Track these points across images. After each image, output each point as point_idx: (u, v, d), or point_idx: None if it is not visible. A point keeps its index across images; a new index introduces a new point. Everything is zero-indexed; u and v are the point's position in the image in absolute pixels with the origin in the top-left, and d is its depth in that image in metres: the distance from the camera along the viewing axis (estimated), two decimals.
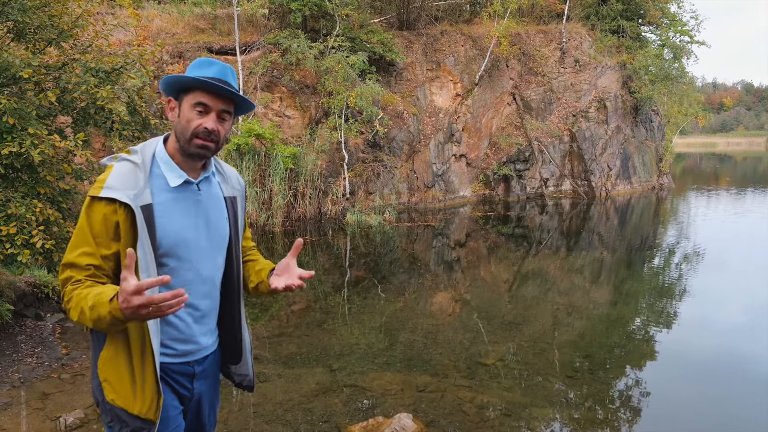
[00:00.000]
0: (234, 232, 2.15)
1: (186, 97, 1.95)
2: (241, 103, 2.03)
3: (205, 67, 1.95)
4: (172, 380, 2.03)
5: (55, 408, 4.59)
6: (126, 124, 7.13)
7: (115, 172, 1.88)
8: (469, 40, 19.32)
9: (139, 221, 1.83)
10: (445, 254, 11.69)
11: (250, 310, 7.50)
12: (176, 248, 1.93)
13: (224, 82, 1.94)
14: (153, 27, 15.03)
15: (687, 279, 9.46)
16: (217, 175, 2.15)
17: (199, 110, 1.93)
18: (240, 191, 2.23)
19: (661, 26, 23.65)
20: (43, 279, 6.55)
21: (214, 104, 1.94)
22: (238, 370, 2.29)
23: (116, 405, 1.90)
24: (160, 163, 1.97)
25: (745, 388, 5.37)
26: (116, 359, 1.90)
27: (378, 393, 5.05)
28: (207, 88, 1.92)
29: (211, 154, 2.00)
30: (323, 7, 15.18)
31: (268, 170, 13.78)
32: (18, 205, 5.75)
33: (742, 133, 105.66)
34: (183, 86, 1.95)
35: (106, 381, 1.92)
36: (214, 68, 1.95)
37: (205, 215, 2.03)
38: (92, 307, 1.70)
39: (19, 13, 6.42)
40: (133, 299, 1.60)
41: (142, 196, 1.86)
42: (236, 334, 2.22)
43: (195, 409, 2.15)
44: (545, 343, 6.41)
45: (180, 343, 2.03)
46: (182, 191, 1.98)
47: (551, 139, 19.84)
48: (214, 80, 1.91)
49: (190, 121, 1.93)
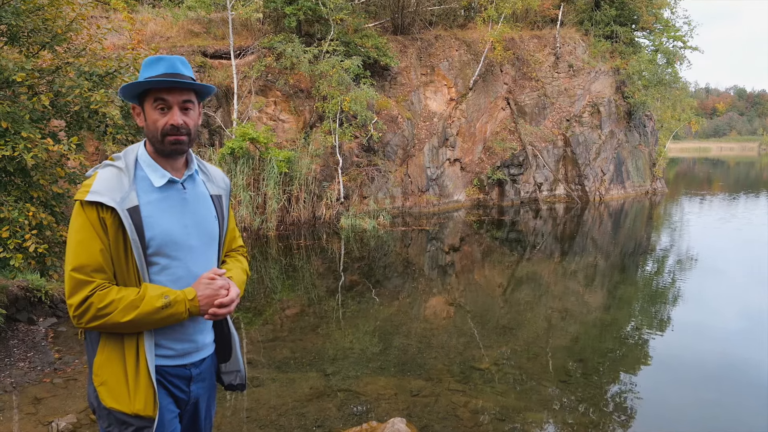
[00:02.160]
0: (221, 229, 2.19)
1: (146, 99, 1.99)
2: (200, 89, 2.06)
3: (153, 65, 1.98)
4: (168, 383, 2.03)
5: (47, 413, 4.57)
6: (120, 128, 7.11)
7: (100, 178, 1.92)
8: (463, 44, 19.38)
9: (126, 224, 1.86)
10: (439, 259, 11.70)
11: (244, 315, 7.49)
12: (165, 247, 1.96)
13: (175, 75, 1.97)
14: (147, 31, 15.00)
15: (680, 284, 9.50)
16: (201, 174, 2.18)
17: (160, 108, 1.96)
18: (225, 190, 2.25)
19: (654, 32, 23.79)
20: (36, 283, 6.52)
21: (173, 98, 1.97)
22: (229, 367, 2.29)
23: (113, 409, 1.91)
24: (143, 165, 2.00)
25: (738, 392, 5.40)
26: (111, 362, 1.92)
27: (372, 397, 5.04)
28: (161, 86, 1.95)
29: (186, 147, 2.03)
30: (318, 12, 15.19)
31: (262, 174, 13.77)
32: (11, 209, 5.72)
33: (734, 138, 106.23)
34: (139, 90, 1.99)
35: (101, 385, 1.93)
36: (163, 64, 1.98)
37: (192, 213, 2.06)
38: (165, 306, 1.87)
39: (13, 16, 6.40)
40: (221, 291, 1.97)
41: (128, 199, 1.90)
42: (224, 329, 2.24)
43: (191, 413, 2.16)
44: (539, 348, 6.43)
45: (178, 342, 2.04)
46: (167, 191, 2.01)
47: (545, 144, 19.90)
48: (164, 77, 1.94)
49: (156, 122, 1.97)
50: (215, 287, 1.96)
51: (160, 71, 1.96)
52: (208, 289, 1.95)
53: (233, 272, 2.17)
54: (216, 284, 1.97)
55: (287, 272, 10.14)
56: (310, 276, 9.91)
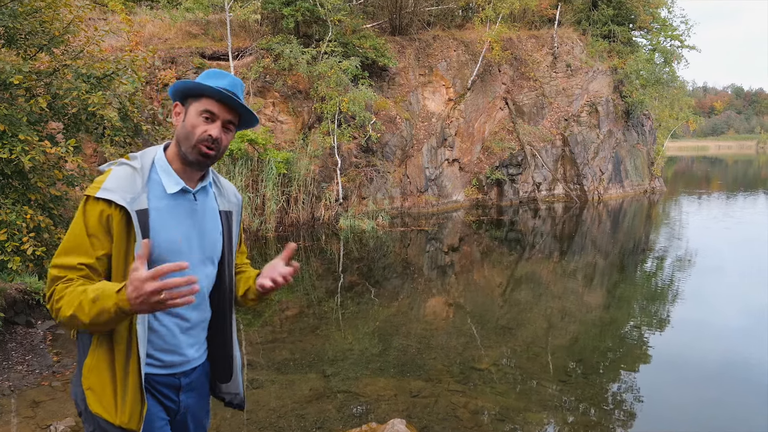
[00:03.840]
0: (228, 247, 2.13)
1: (194, 103, 1.96)
2: (246, 117, 2.04)
3: (217, 77, 1.97)
4: (157, 392, 1.98)
5: (45, 416, 4.55)
6: (117, 130, 7.10)
7: (113, 175, 1.88)
8: (461, 45, 19.38)
9: (135, 225, 1.82)
10: (438, 259, 11.70)
11: (243, 316, 7.47)
12: (167, 256, 1.90)
13: (234, 94, 1.96)
14: (145, 32, 14.97)
15: (679, 282, 9.50)
16: (214, 187, 2.14)
17: (205, 117, 1.94)
18: (236, 206, 2.21)
19: (651, 31, 23.81)
20: (34, 286, 6.50)
21: (221, 113, 1.95)
22: (228, 388, 2.23)
23: (100, 416, 1.86)
24: (159, 170, 1.97)
25: (739, 391, 5.40)
26: (99, 367, 1.87)
27: (371, 398, 5.03)
28: (217, 97, 1.94)
29: (210, 163, 2.00)
30: (316, 13, 15.18)
31: (260, 175, 13.75)
32: (8, 212, 5.71)
33: (732, 137, 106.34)
34: (193, 93, 1.96)
35: (89, 389, 1.88)
36: (226, 80, 1.97)
37: (199, 225, 2.02)
38: (94, 300, 1.68)
39: (10, 19, 6.40)
40: (146, 286, 1.58)
41: (139, 201, 1.86)
42: (227, 351, 2.18)
43: (181, 425, 2.09)
44: (539, 348, 6.42)
45: (165, 353, 1.98)
46: (178, 199, 1.97)
47: (543, 144, 19.90)
48: (224, 91, 1.93)
49: (195, 127, 1.93)
50: (140, 278, 1.60)
51: (222, 85, 1.94)
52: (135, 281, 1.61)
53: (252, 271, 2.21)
54: (139, 273, 1.60)
55: None
56: (309, 277, 9.90)
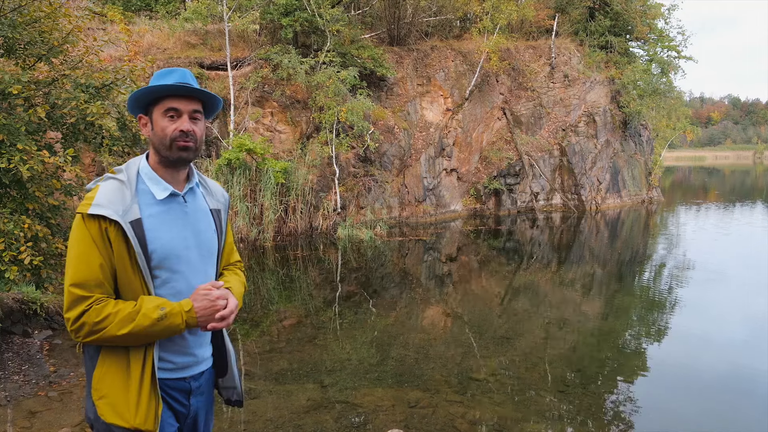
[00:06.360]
0: (221, 244, 2.21)
1: (156, 108, 2.01)
2: (210, 102, 2.09)
3: (166, 76, 2.02)
4: (168, 396, 2.03)
5: (42, 426, 4.53)
6: (116, 139, 7.10)
7: (102, 191, 1.92)
8: (459, 55, 19.47)
9: (130, 237, 1.87)
10: (436, 269, 11.69)
11: (240, 326, 7.46)
12: (167, 260, 1.97)
13: (188, 84, 2.01)
14: (144, 42, 15.02)
15: (677, 293, 9.50)
16: (201, 187, 2.19)
17: (170, 116, 1.99)
18: (224, 204, 2.27)
19: (648, 42, 23.97)
20: (31, 295, 6.49)
21: (184, 107, 2.00)
22: (226, 382, 2.29)
23: (113, 424, 1.89)
24: (145, 178, 2.02)
25: (736, 401, 5.38)
26: (111, 374, 1.91)
27: (369, 409, 5.01)
28: (174, 93, 1.99)
29: (192, 156, 2.04)
30: (314, 23, 15.26)
31: (259, 185, 13.76)
32: (6, 221, 5.70)
33: (729, 147, 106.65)
34: (150, 98, 2.01)
35: (101, 399, 1.91)
36: (175, 75, 2.02)
37: (193, 227, 2.06)
38: (160, 318, 1.86)
39: (9, 29, 6.41)
40: (219, 302, 1.96)
41: (131, 212, 1.90)
42: (220, 344, 2.24)
43: (191, 427, 2.15)
44: (537, 358, 6.41)
45: (178, 355, 2.04)
46: (169, 203, 2.02)
47: (541, 153, 19.95)
48: (179, 84, 1.98)
49: (164, 129, 1.98)
50: (212, 298, 1.95)
51: (173, 81, 2.00)
52: (205, 300, 1.94)
53: (232, 284, 2.17)
54: (212, 295, 1.96)
55: (284, 283, 10.11)
56: (307, 287, 9.88)
